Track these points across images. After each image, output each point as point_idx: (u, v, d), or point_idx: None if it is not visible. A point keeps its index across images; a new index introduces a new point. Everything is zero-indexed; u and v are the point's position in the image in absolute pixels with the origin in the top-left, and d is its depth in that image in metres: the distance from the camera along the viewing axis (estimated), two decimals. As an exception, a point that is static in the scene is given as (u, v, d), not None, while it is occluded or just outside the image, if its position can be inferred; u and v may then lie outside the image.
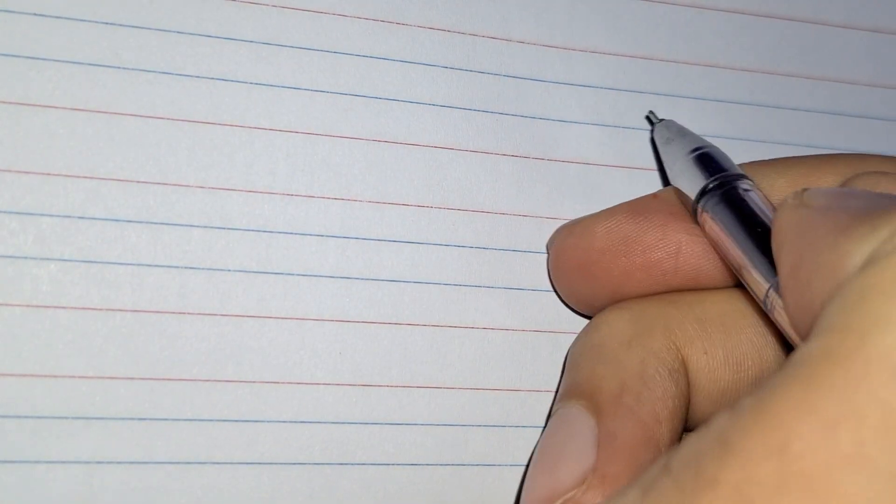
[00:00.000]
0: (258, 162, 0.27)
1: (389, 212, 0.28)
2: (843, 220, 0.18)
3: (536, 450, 0.25)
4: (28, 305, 0.25)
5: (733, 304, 0.26)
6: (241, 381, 0.26)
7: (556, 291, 0.29)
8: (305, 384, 0.27)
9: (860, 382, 0.15)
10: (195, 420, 0.26)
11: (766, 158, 0.28)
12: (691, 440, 0.17)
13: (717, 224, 0.25)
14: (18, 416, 0.25)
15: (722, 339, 0.26)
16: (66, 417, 0.25)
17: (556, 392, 0.28)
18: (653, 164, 0.31)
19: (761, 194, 0.25)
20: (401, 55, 0.29)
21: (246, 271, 0.27)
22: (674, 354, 0.26)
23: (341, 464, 0.27)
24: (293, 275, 0.27)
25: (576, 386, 0.26)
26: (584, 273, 0.27)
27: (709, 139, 0.29)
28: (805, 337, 0.17)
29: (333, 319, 0.27)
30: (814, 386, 0.16)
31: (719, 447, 0.16)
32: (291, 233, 0.27)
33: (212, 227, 0.27)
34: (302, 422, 0.27)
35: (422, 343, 0.28)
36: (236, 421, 0.26)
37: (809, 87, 0.33)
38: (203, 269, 0.26)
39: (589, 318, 0.29)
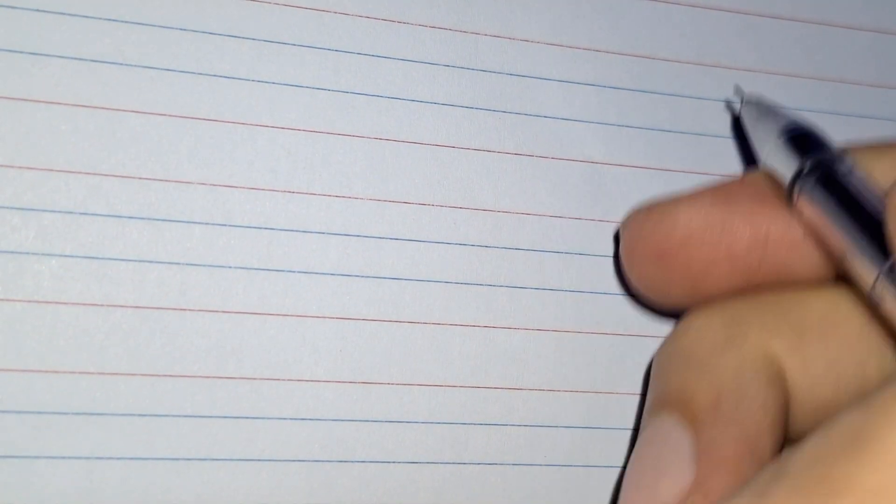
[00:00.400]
0: (260, 159, 0.27)
1: (391, 209, 0.28)
2: None
3: (630, 467, 0.24)
4: (29, 301, 0.25)
5: (833, 308, 0.24)
6: (241, 378, 0.26)
7: (623, 282, 0.28)
8: (306, 381, 0.27)
9: None
10: (195, 416, 0.26)
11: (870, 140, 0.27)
12: (812, 442, 0.15)
13: (817, 207, 0.23)
14: (19, 412, 0.25)
15: (822, 350, 0.24)
16: (67, 413, 0.25)
17: (642, 403, 0.27)
18: (657, 163, 0.31)
19: (865, 174, 0.23)
20: (403, 53, 0.29)
21: (247, 268, 0.27)
22: (770, 362, 0.24)
23: (341, 461, 0.27)
24: (294, 272, 0.27)
25: (667, 396, 0.24)
26: (663, 263, 0.25)
27: (713, 140, 0.29)
28: None
29: (334, 317, 0.27)
30: None
31: (851, 447, 0.14)
32: (293, 230, 0.27)
33: (213, 224, 0.27)
34: (302, 419, 0.27)
35: (423, 341, 0.28)
36: (236, 417, 0.26)
37: (812, 88, 0.33)
38: (204, 265, 0.26)
39: (661, 312, 0.27)
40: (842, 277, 0.24)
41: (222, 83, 0.27)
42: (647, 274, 0.26)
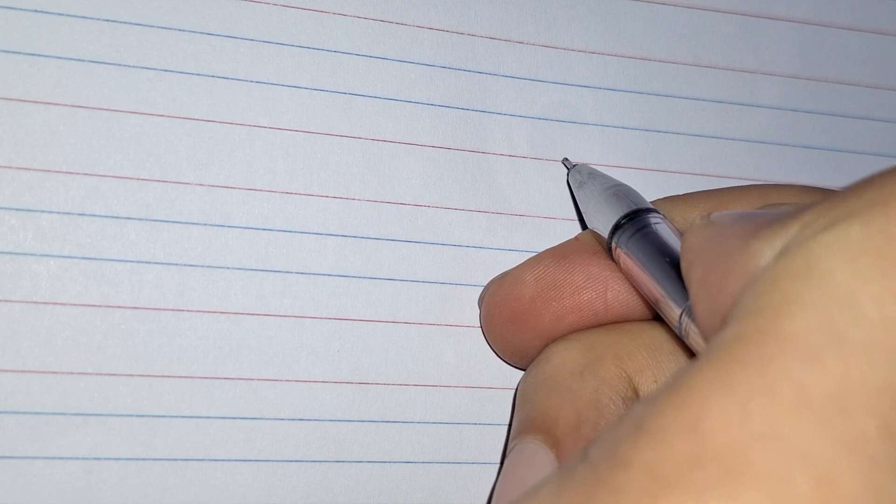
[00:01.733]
0: (257, 160, 0.27)
1: (387, 211, 0.28)
2: (751, 226, 0.18)
3: (498, 487, 0.25)
4: (27, 302, 0.25)
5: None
6: (239, 379, 0.27)
7: (490, 345, 0.29)
8: (303, 382, 0.27)
9: (773, 360, 0.15)
10: (193, 417, 0.26)
11: (683, 193, 0.28)
12: (609, 428, 0.17)
13: (629, 259, 0.25)
14: (17, 412, 0.25)
15: (673, 365, 0.26)
16: (65, 414, 0.25)
17: (509, 429, 0.28)
18: (651, 164, 0.31)
19: (672, 225, 0.25)
20: (399, 55, 0.29)
21: (245, 269, 0.27)
22: (626, 383, 0.25)
23: (338, 461, 0.27)
24: (292, 273, 0.27)
25: (531, 420, 0.25)
26: (518, 322, 0.27)
27: (710, 141, 0.29)
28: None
29: (331, 317, 0.27)
30: (726, 365, 0.15)
31: (634, 430, 0.16)
32: (290, 231, 0.27)
33: (211, 225, 0.27)
34: (299, 419, 0.27)
35: (419, 341, 0.28)
36: (234, 418, 0.26)
37: (810, 89, 0.33)
38: (202, 266, 0.26)
39: (523, 369, 0.28)
40: (658, 318, 0.26)
41: (220, 84, 0.27)
42: (506, 335, 0.28)
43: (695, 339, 0.22)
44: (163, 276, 0.26)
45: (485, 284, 0.29)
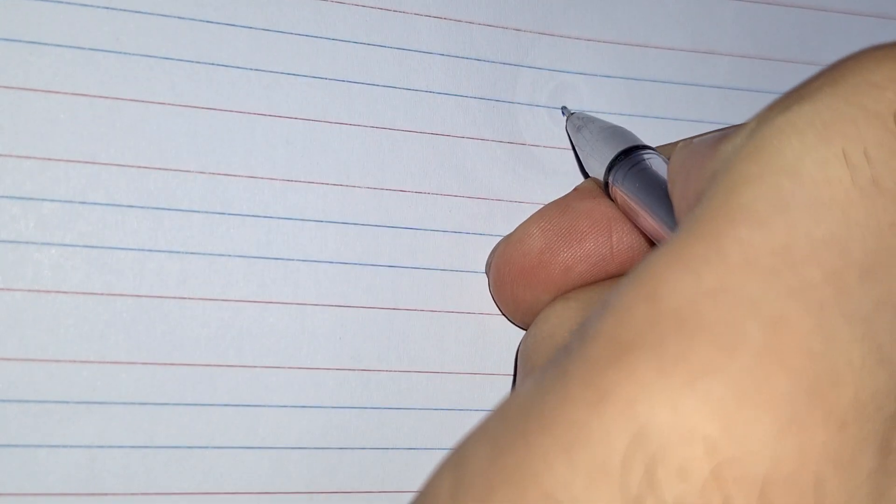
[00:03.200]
0: (258, 148, 0.27)
1: (388, 198, 0.28)
2: (720, 135, 0.19)
3: None
4: (29, 290, 0.25)
5: None
6: (241, 366, 0.27)
7: (500, 307, 0.29)
8: (305, 369, 0.27)
9: (723, 230, 0.16)
10: (196, 405, 0.26)
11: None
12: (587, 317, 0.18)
13: (626, 194, 0.25)
14: (20, 401, 0.25)
15: None
16: (68, 402, 0.25)
17: (513, 387, 0.28)
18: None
19: (665, 159, 0.26)
20: (398, 43, 0.29)
21: (246, 257, 0.27)
22: None
23: (341, 448, 0.27)
24: (293, 260, 0.27)
25: None
26: (528, 277, 0.27)
27: (707, 127, 0.29)
28: None
29: (333, 305, 0.28)
30: (682, 242, 0.16)
31: (601, 308, 0.17)
32: (291, 218, 0.27)
33: (212, 213, 0.27)
34: (302, 406, 0.27)
35: (420, 328, 0.28)
36: (237, 405, 0.26)
37: (809, 74, 0.33)
38: (203, 254, 0.26)
39: None
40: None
41: (220, 72, 0.27)
42: (517, 294, 0.28)
43: None
44: (164, 264, 0.26)
45: (485, 270, 0.29)
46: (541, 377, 0.17)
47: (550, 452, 0.15)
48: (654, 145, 0.27)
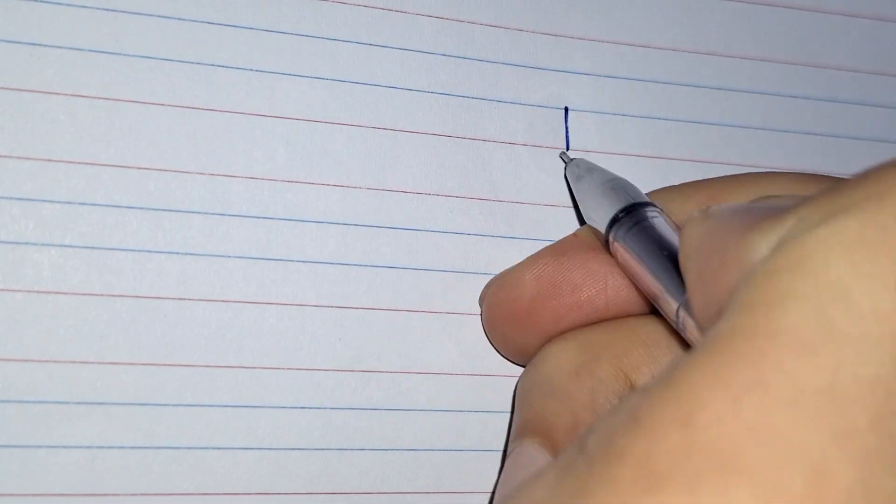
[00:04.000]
0: (258, 148, 0.27)
1: (388, 199, 0.28)
2: (748, 220, 0.18)
3: (498, 490, 0.25)
4: (29, 291, 0.25)
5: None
6: (241, 367, 0.27)
7: (492, 344, 0.29)
8: (305, 370, 0.27)
9: (766, 354, 0.15)
10: (196, 405, 0.26)
11: (679, 183, 0.28)
12: (605, 419, 0.17)
13: (627, 253, 0.25)
14: (20, 402, 0.25)
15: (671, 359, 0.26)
16: (68, 402, 0.25)
17: (510, 426, 0.28)
18: (649, 152, 0.31)
19: (668, 219, 0.25)
20: (399, 43, 0.29)
21: (246, 257, 0.27)
22: (622, 381, 0.25)
23: (340, 449, 0.27)
24: (293, 261, 0.27)
25: (529, 423, 0.25)
26: (519, 322, 0.27)
27: (709, 128, 0.29)
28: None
29: (333, 305, 0.28)
30: (720, 359, 0.16)
31: (629, 421, 0.16)
32: (291, 219, 0.27)
33: (212, 214, 0.27)
34: (301, 407, 0.27)
35: (420, 329, 0.28)
36: (236, 406, 0.26)
37: (809, 75, 0.33)
38: (203, 255, 0.27)
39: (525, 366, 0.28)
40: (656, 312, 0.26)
41: (220, 73, 0.27)
42: (507, 336, 0.28)
43: (692, 332, 0.22)
44: (164, 264, 0.26)
45: (485, 272, 0.29)
46: (556, 479, 0.16)
47: None
48: (647, 192, 0.27)
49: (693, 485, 0.14)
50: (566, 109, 0.30)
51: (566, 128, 0.30)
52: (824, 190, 0.17)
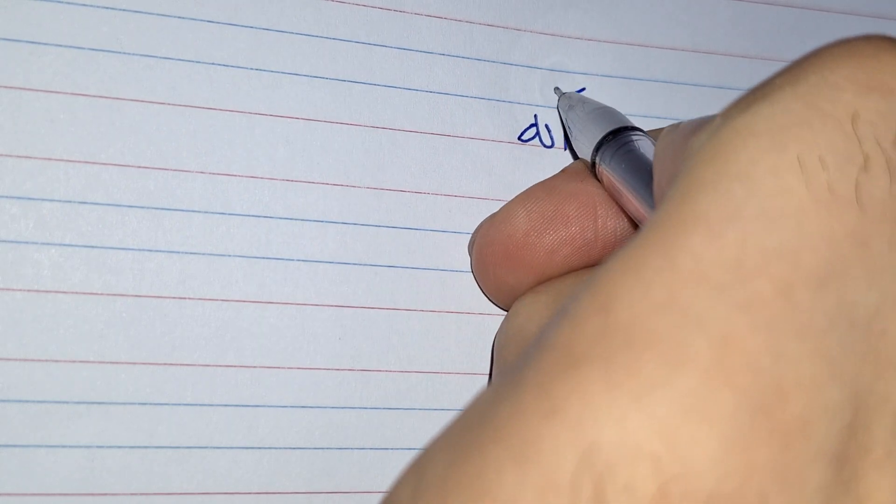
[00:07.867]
0: (258, 148, 0.27)
1: (388, 198, 0.28)
2: (695, 125, 0.19)
3: None
4: (29, 290, 0.25)
5: None
6: (241, 366, 0.27)
7: (482, 289, 0.29)
8: (305, 369, 0.27)
9: (676, 240, 0.16)
10: (196, 405, 0.26)
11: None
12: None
13: (611, 175, 0.25)
14: (20, 401, 0.25)
15: None
16: (68, 402, 0.25)
17: (489, 381, 0.28)
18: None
19: (653, 141, 0.25)
20: (398, 42, 0.29)
21: (246, 257, 0.27)
22: None
23: (340, 448, 0.27)
24: (293, 260, 0.27)
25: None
26: (512, 260, 0.27)
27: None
28: None
29: (333, 305, 0.28)
30: (638, 251, 0.16)
31: (560, 316, 0.16)
32: (291, 218, 0.27)
33: (212, 213, 0.27)
34: (301, 407, 0.27)
35: (420, 328, 0.28)
36: (236, 406, 0.26)
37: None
38: (203, 254, 0.27)
39: None
40: None
41: (220, 72, 0.27)
42: (499, 276, 0.28)
43: None
44: (164, 264, 0.26)
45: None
46: (499, 383, 0.17)
47: (503, 465, 0.15)
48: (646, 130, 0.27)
49: (607, 361, 0.15)
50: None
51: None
52: (750, 89, 0.18)
